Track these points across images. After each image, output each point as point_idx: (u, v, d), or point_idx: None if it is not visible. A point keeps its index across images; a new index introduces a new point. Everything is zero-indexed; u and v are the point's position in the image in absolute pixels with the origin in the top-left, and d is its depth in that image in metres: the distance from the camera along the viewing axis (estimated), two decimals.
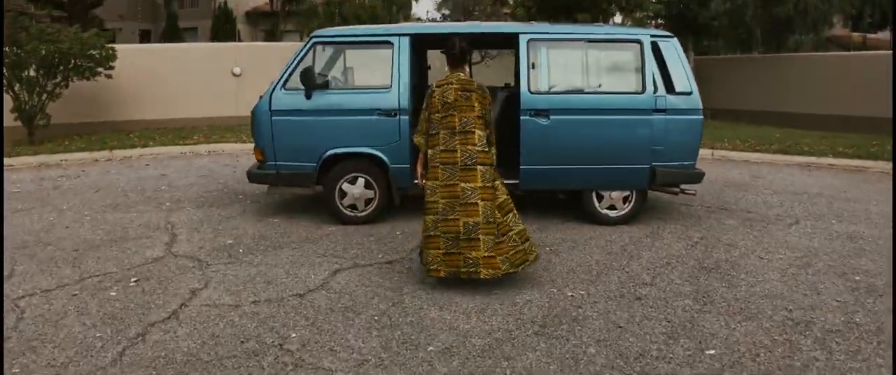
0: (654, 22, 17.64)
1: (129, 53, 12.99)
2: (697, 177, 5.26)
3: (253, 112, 5.26)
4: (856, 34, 20.85)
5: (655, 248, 4.71)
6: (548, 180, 5.14)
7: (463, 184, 3.58)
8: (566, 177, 5.12)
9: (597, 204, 5.25)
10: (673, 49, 5.08)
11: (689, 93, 5.06)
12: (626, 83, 5.07)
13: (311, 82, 4.96)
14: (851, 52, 15.43)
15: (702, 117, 5.12)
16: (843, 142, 10.67)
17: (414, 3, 33.77)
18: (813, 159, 9.25)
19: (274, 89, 5.15)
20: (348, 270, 4.18)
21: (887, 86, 11.41)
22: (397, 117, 5.02)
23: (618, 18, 16.33)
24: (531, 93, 4.97)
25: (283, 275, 4.07)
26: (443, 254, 3.64)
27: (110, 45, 11.44)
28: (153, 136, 11.41)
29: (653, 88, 4.98)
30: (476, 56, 12.75)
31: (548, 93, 5.01)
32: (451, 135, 3.61)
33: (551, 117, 4.95)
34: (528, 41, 5.00)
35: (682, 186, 5.33)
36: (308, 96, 5.04)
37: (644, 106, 4.97)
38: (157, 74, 13.02)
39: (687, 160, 5.17)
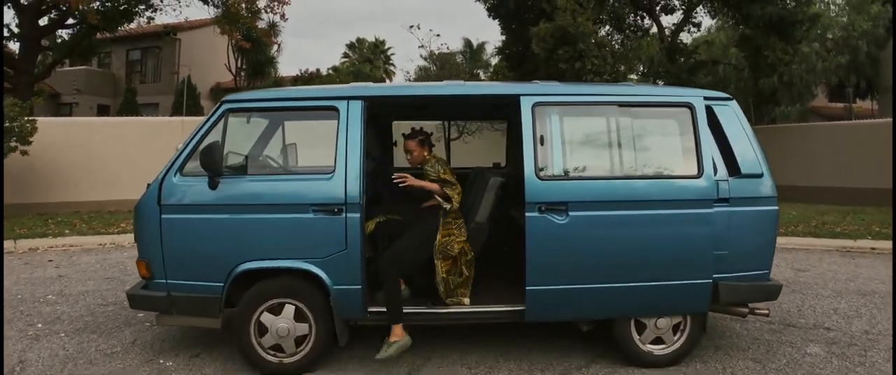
0: None
1: (58, 127, 11.58)
2: (774, 292, 3.71)
3: (136, 207, 3.62)
4: (858, 103, 20.37)
5: None
6: (567, 305, 3.50)
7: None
8: (593, 301, 3.48)
9: (637, 338, 3.60)
10: (733, 115, 3.63)
11: (760, 176, 3.58)
12: (675, 163, 3.55)
13: (216, 165, 3.35)
14: (852, 121, 14.60)
15: (777, 208, 3.63)
16: (871, 220, 9.61)
17: (387, 80, 33.24)
18: (850, 242, 8.31)
19: (164, 175, 3.54)
20: None
21: (887, 154, 10.49)
22: (343, 215, 3.39)
23: None
24: (541, 178, 3.42)
25: None
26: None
27: (30, 118, 9.99)
28: (74, 222, 9.71)
29: (712, 170, 3.49)
30: (454, 131, 11.12)
31: (564, 178, 3.47)
32: None
33: (570, 213, 3.38)
34: (534, 105, 3.49)
35: (751, 305, 3.77)
36: (213, 185, 3.43)
37: (701, 195, 3.45)
38: (92, 151, 11.59)
39: (760, 269, 3.63)
